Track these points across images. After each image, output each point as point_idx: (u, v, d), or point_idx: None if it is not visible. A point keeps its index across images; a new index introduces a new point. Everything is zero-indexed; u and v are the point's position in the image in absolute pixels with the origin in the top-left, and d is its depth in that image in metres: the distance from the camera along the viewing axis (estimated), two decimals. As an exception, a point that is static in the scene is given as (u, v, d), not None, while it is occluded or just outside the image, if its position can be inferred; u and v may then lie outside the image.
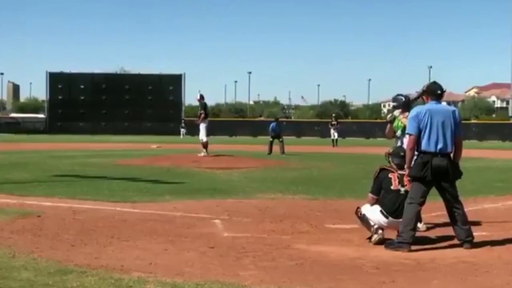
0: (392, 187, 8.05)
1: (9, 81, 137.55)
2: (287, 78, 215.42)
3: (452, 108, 8.18)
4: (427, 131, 7.64)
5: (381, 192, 8.15)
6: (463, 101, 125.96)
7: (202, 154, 23.20)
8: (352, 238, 8.22)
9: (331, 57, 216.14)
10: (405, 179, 8.02)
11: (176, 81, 71.57)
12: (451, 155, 7.75)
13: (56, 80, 70.38)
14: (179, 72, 72.36)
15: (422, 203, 7.73)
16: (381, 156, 8.97)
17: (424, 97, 8.04)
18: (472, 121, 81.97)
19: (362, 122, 76.16)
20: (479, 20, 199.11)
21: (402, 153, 8.28)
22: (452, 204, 7.79)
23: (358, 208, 8.25)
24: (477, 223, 9.36)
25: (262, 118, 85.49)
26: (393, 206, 7.93)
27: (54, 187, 13.77)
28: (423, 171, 7.58)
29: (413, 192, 7.71)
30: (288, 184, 15.16)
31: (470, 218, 9.36)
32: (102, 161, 22.69)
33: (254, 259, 6.94)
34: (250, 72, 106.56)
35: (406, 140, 8.09)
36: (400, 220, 7.71)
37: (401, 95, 9.72)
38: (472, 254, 7.34)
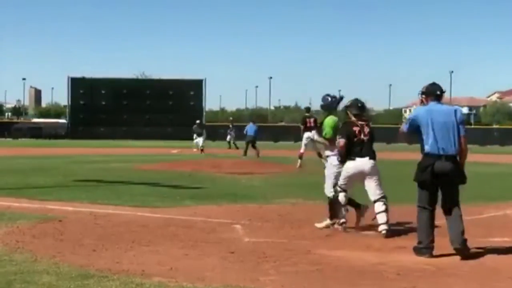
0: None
1: (31, 86, 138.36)
2: (308, 83, 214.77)
3: (453, 107, 7.92)
4: (430, 132, 7.42)
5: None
6: (485, 106, 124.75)
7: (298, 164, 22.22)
8: (373, 243, 8.18)
9: (352, 62, 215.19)
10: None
11: (197, 86, 71.67)
12: (457, 157, 7.48)
13: (77, 85, 70.78)
14: (200, 77, 72.58)
15: (431, 206, 7.55)
16: (403, 161, 8.92)
17: (423, 99, 7.75)
18: (494, 126, 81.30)
19: (384, 127, 75.83)
20: (501, 24, 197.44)
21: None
22: (449, 207, 7.53)
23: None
24: (498, 229, 9.29)
25: (283, 123, 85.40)
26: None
27: (75, 192, 13.85)
28: (423, 174, 7.42)
29: (419, 197, 7.60)
30: (309, 189, 15.10)
31: (492, 223, 9.32)
32: (123, 166, 22.80)
33: (274, 264, 6.93)
34: (271, 77, 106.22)
35: None
36: None
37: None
38: (494, 260, 7.28)
